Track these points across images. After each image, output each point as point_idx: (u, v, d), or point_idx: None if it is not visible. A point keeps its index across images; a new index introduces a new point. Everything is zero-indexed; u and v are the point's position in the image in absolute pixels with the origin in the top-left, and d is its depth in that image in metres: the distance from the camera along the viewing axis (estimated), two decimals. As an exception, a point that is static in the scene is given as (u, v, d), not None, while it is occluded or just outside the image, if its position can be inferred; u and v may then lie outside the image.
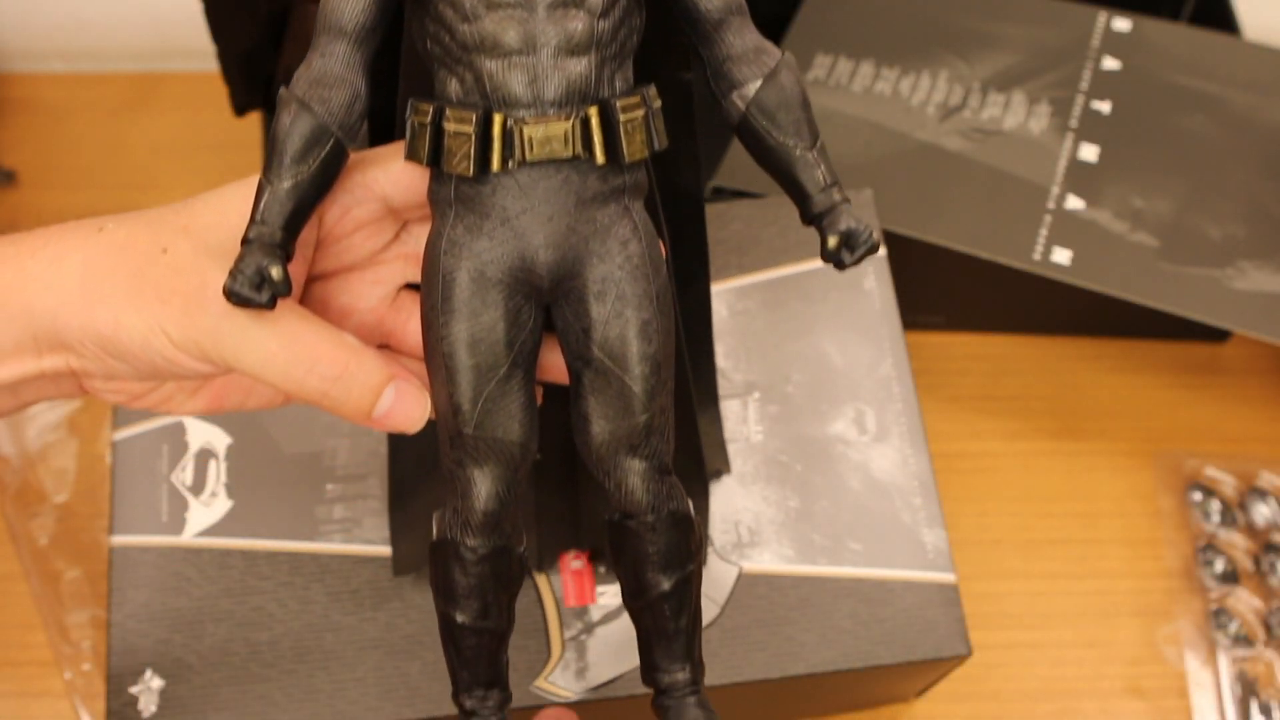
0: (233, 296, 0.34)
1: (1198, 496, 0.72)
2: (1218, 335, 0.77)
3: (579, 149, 0.35)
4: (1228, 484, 0.72)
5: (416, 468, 0.49)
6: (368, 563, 0.53)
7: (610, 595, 0.53)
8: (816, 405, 0.57)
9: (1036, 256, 0.67)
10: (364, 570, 0.53)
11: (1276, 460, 0.73)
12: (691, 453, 0.49)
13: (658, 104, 0.37)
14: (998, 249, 0.67)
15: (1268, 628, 0.67)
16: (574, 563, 0.53)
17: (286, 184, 0.35)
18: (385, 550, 0.53)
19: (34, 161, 0.84)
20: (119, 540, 0.53)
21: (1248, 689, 0.65)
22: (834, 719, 0.64)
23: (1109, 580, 0.69)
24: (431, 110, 0.35)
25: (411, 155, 0.36)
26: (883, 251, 0.60)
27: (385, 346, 0.42)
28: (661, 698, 0.38)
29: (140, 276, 0.37)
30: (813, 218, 0.37)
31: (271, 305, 0.34)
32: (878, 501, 0.55)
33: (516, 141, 0.35)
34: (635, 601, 0.38)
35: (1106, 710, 0.65)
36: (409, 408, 0.36)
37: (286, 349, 0.36)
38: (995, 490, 0.72)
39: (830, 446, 0.56)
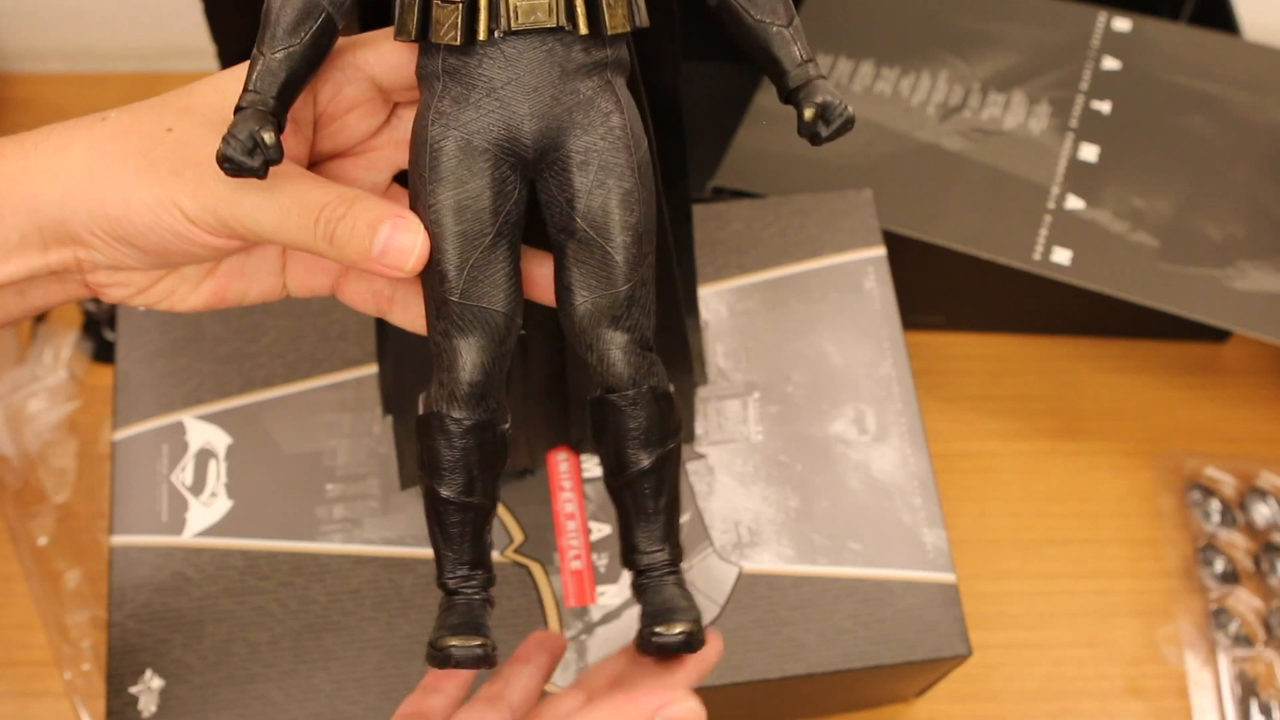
0: (226, 162, 0.34)
1: (1198, 496, 0.72)
2: (1218, 335, 0.77)
3: (562, 19, 0.36)
4: (1228, 484, 0.72)
5: (416, 375, 0.49)
6: (368, 563, 0.53)
7: (610, 595, 0.53)
8: (816, 405, 0.57)
9: (1036, 256, 0.67)
10: (364, 570, 0.53)
11: (1276, 460, 0.73)
12: (676, 334, 0.49)
13: None
14: (998, 249, 0.67)
15: (1268, 628, 0.67)
16: (574, 562, 0.53)
17: (279, 55, 0.35)
18: (385, 550, 0.53)
19: (34, 161, 0.84)
20: (119, 540, 0.53)
21: (1248, 689, 0.65)
22: (834, 719, 0.64)
23: (1109, 580, 0.69)
24: None
25: (400, 31, 0.37)
26: (883, 251, 0.60)
27: None
28: (639, 578, 0.39)
29: (148, 156, 0.37)
30: (790, 92, 0.37)
31: (263, 172, 0.34)
32: (878, 501, 0.55)
33: (502, 10, 0.35)
34: (615, 479, 0.39)
35: (1106, 710, 0.65)
36: (401, 239, 0.37)
37: (298, 201, 0.37)
38: (995, 490, 0.72)
39: (830, 446, 0.56)
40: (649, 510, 0.39)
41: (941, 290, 0.74)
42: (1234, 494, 0.72)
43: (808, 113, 0.36)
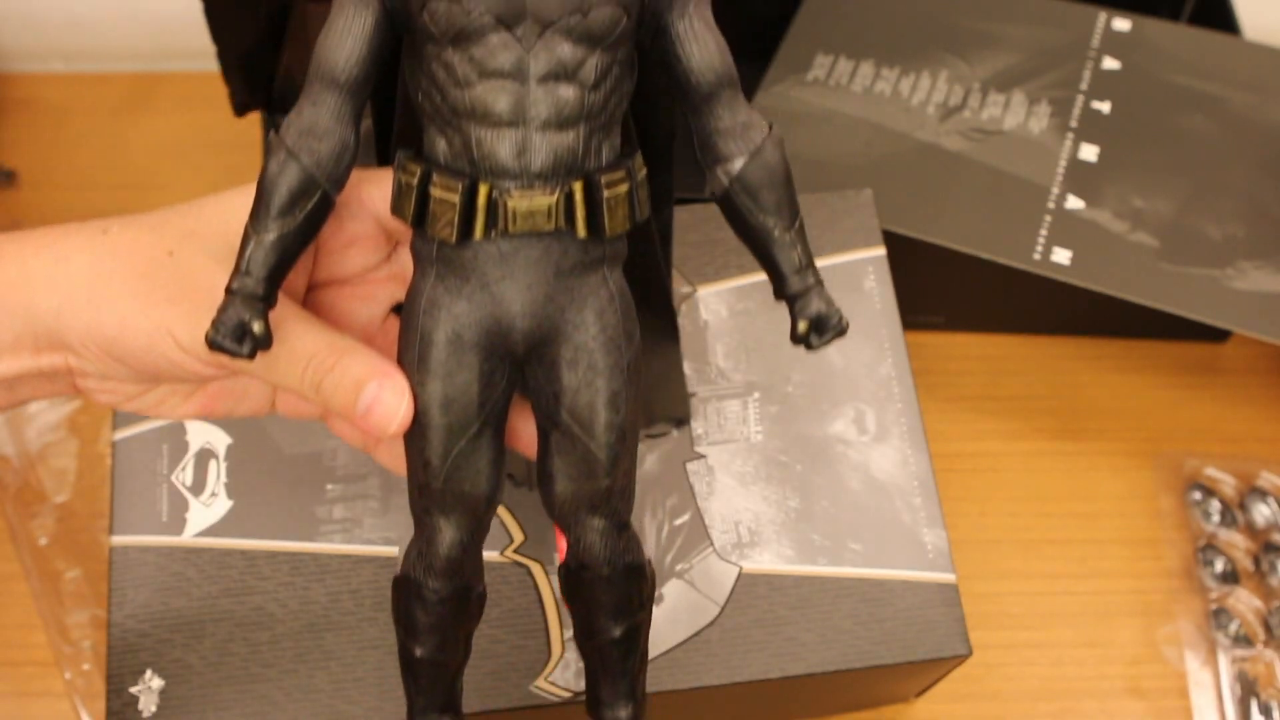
0: (214, 347, 0.34)
1: (1198, 496, 0.72)
2: (1218, 335, 0.77)
3: (561, 222, 0.35)
4: (1228, 484, 0.72)
5: None
6: (368, 563, 0.53)
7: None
8: (816, 405, 0.57)
9: (1036, 256, 0.67)
10: (364, 570, 0.53)
11: (1276, 460, 0.73)
12: (660, 305, 0.49)
13: (643, 173, 0.38)
14: (998, 249, 0.67)
15: (1268, 628, 0.67)
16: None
17: (271, 235, 0.35)
18: (385, 550, 0.53)
19: (34, 161, 0.84)
20: (119, 540, 0.53)
21: (1248, 689, 0.65)
22: (834, 719, 0.64)
23: (1109, 580, 0.69)
24: (419, 173, 0.36)
25: (397, 212, 0.37)
26: (883, 251, 0.60)
27: None
28: None
29: (147, 279, 0.37)
30: (785, 298, 0.38)
31: (252, 356, 0.35)
32: (878, 501, 0.55)
33: (500, 213, 0.35)
34: (586, 642, 0.39)
35: (1106, 710, 0.65)
36: (387, 404, 0.37)
37: (288, 349, 0.37)
38: (995, 490, 0.72)
39: (830, 446, 0.56)
40: (617, 671, 0.39)
41: (941, 290, 0.74)
42: (1234, 494, 0.72)
43: (801, 325, 0.37)
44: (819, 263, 0.40)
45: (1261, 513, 0.71)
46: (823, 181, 0.70)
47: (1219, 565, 0.69)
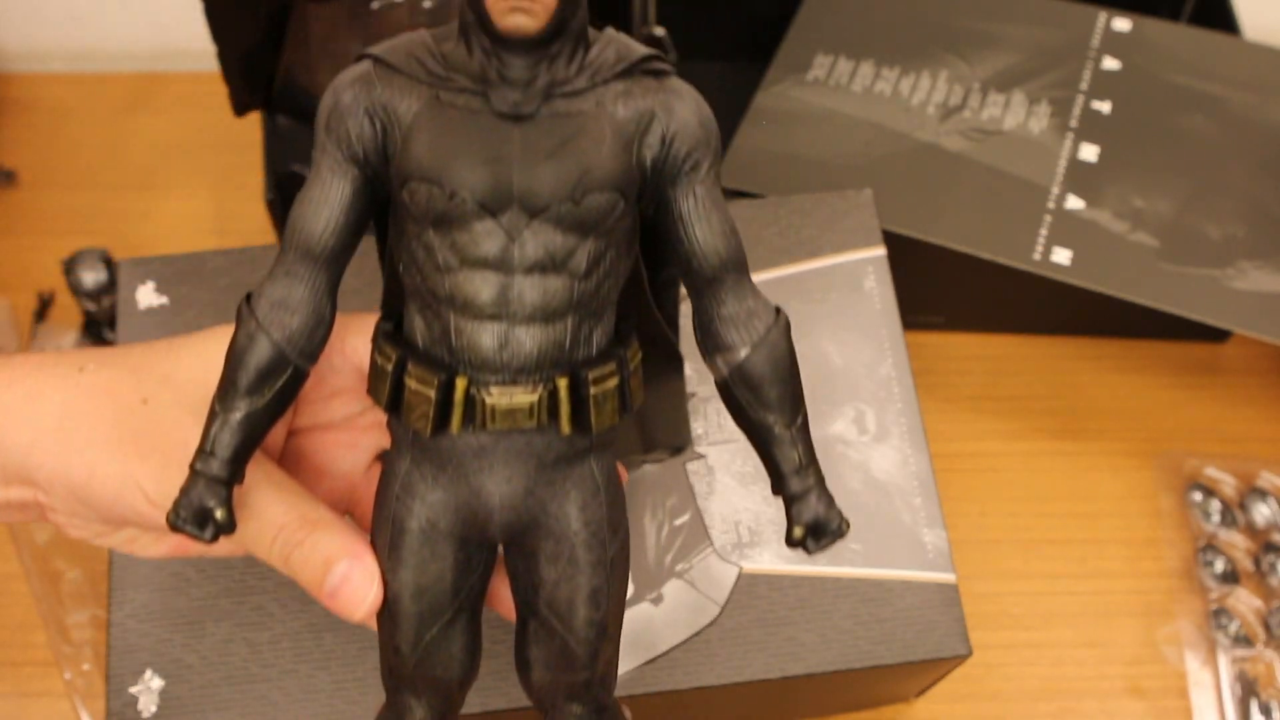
0: (176, 529, 0.33)
1: (1198, 496, 0.72)
2: (1218, 335, 0.77)
3: (544, 419, 0.34)
4: (1228, 484, 0.72)
5: None
6: (368, 563, 0.53)
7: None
8: (816, 405, 0.57)
9: (1036, 256, 0.67)
10: (364, 570, 0.52)
11: (1276, 460, 0.73)
12: (661, 343, 0.49)
13: (636, 361, 0.36)
14: (998, 249, 0.67)
15: (1268, 628, 0.67)
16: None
17: (238, 414, 0.33)
18: (385, 550, 0.53)
19: (34, 161, 0.84)
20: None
21: (1248, 689, 0.65)
22: (834, 719, 0.64)
23: (1109, 580, 0.69)
24: (395, 359, 0.34)
25: (372, 394, 0.35)
26: (883, 251, 0.60)
27: (354, 512, 0.41)
28: None
29: (119, 426, 0.36)
30: (782, 497, 0.36)
31: (214, 540, 0.34)
32: (878, 501, 0.55)
33: (478, 410, 0.33)
34: None
35: (1106, 710, 0.65)
36: (355, 587, 0.35)
37: (254, 519, 0.36)
38: (995, 490, 0.72)
39: (830, 446, 0.56)
40: None
41: (941, 290, 0.74)
42: (1234, 494, 0.72)
43: (797, 531, 0.35)
44: (818, 263, 0.39)
45: (1261, 513, 0.71)
46: (823, 181, 0.70)
47: (1219, 565, 0.69)
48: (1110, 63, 0.76)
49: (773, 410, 0.35)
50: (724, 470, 0.55)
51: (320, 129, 0.34)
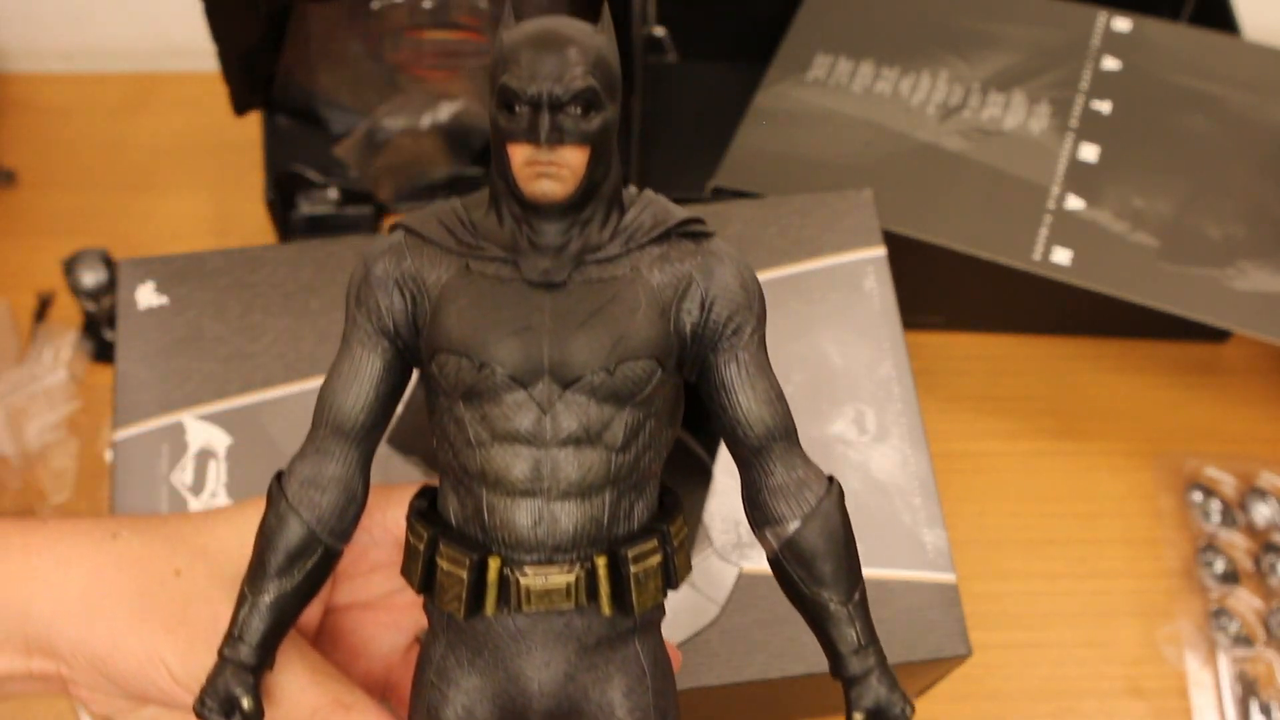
0: (201, 718, 0.32)
1: (1198, 496, 0.72)
2: (1218, 335, 0.77)
3: (582, 600, 0.32)
4: (1228, 484, 0.72)
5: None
6: (368, 563, 0.53)
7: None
8: (816, 405, 0.57)
9: (1036, 256, 0.67)
10: (364, 570, 0.52)
11: (1276, 460, 0.73)
12: (697, 462, 0.49)
13: (681, 536, 0.34)
14: (998, 249, 0.67)
15: (1268, 628, 0.67)
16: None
17: (268, 597, 0.32)
18: (385, 550, 0.53)
19: (34, 161, 0.84)
20: (119, 540, 0.53)
21: (1248, 689, 0.65)
22: (834, 719, 0.64)
23: (1109, 580, 0.69)
24: (426, 538, 0.33)
25: (405, 575, 0.34)
26: (883, 251, 0.60)
27: (390, 697, 0.40)
28: None
29: (147, 598, 0.35)
30: (841, 680, 0.34)
31: None
32: (878, 501, 0.55)
33: (513, 591, 0.32)
34: None
35: (1106, 710, 0.65)
36: None
37: (286, 702, 0.35)
38: (995, 490, 0.72)
39: (830, 446, 0.56)
40: None
41: (941, 290, 0.74)
42: (1234, 494, 0.72)
43: (857, 717, 0.33)
44: (818, 263, 0.39)
45: (1261, 513, 0.71)
46: (823, 181, 0.70)
47: (1219, 565, 0.69)
48: (1110, 63, 0.76)
49: (827, 586, 0.34)
50: (724, 470, 0.55)
51: (350, 301, 0.34)
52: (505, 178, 0.32)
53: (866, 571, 0.54)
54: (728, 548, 0.54)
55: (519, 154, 0.31)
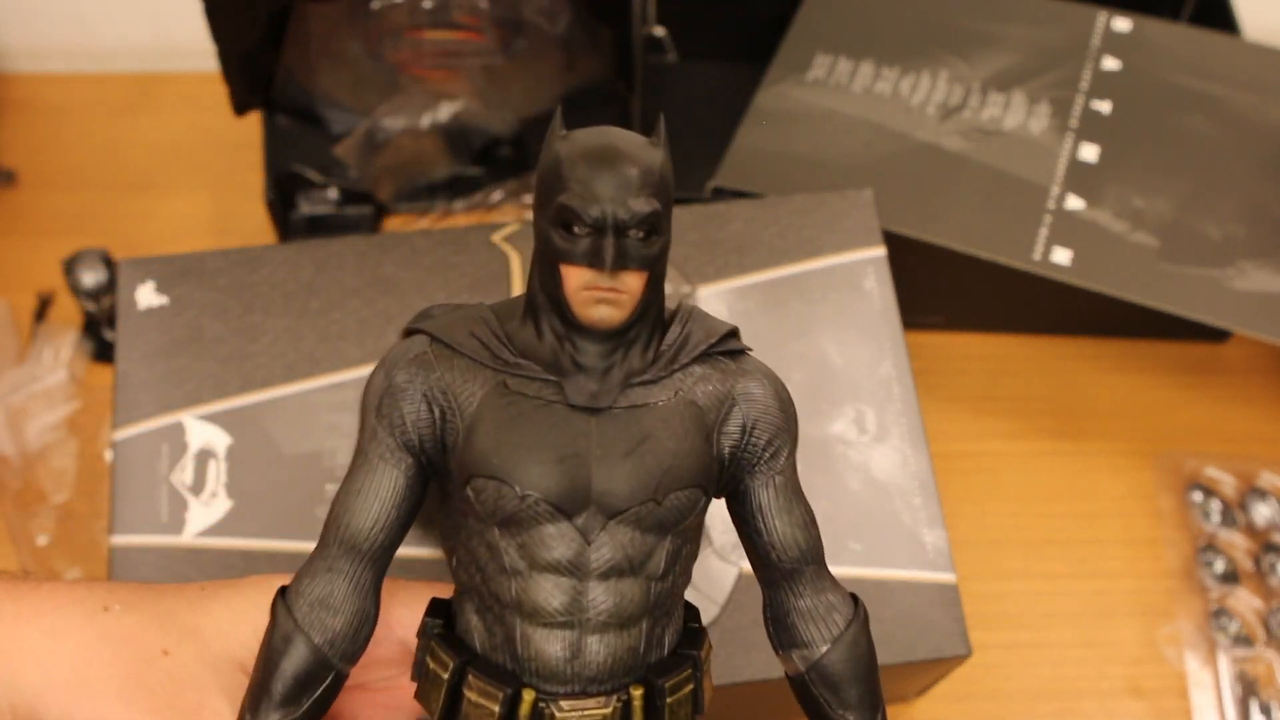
0: None
1: (1198, 496, 0.72)
2: (1218, 335, 0.77)
3: None
4: (1228, 484, 0.72)
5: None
6: (368, 563, 0.53)
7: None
8: (816, 405, 0.57)
9: (1036, 256, 0.67)
10: (364, 570, 0.52)
11: (1276, 460, 0.73)
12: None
13: (708, 661, 0.34)
14: (998, 249, 0.67)
15: (1268, 628, 0.67)
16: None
17: None
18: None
19: (34, 161, 0.84)
20: (119, 540, 0.53)
21: (1248, 689, 0.65)
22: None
23: (1109, 580, 0.69)
24: (452, 667, 0.31)
25: (421, 700, 0.32)
26: (883, 251, 0.60)
27: None
28: None
29: (134, 678, 0.35)
30: None
31: None
32: (878, 501, 0.55)
33: None
34: None
35: (1106, 710, 0.65)
36: None
37: None
38: (995, 490, 0.72)
39: (830, 446, 0.56)
40: None
41: (941, 290, 0.74)
42: (1234, 494, 0.72)
43: None
44: (818, 263, 0.39)
45: (1261, 513, 0.71)
46: (823, 181, 0.70)
47: (1219, 565, 0.69)
48: (1110, 63, 0.76)
49: (852, 710, 0.34)
50: (724, 470, 0.55)
51: (370, 411, 0.32)
52: (553, 296, 0.31)
53: (867, 571, 0.54)
54: (728, 548, 0.54)
55: (576, 277, 0.30)
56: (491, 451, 0.30)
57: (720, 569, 0.53)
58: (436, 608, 0.34)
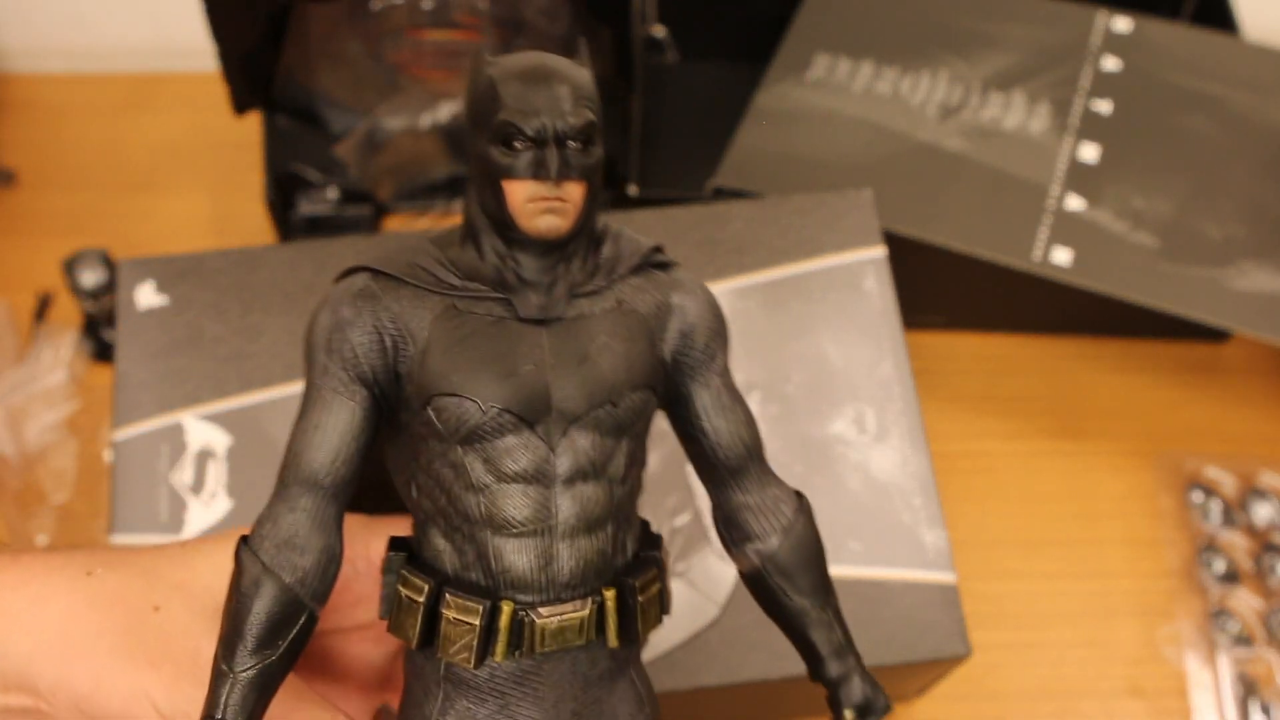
0: None
1: (1198, 496, 0.72)
2: (1218, 335, 0.77)
3: (592, 634, 0.32)
4: (1228, 484, 0.72)
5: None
6: (368, 563, 0.53)
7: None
8: (816, 405, 0.57)
9: (1036, 256, 0.67)
10: (364, 570, 0.52)
11: (1276, 460, 0.73)
12: None
13: (667, 563, 0.35)
14: (998, 249, 0.67)
15: (1268, 628, 0.67)
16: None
17: (249, 673, 0.30)
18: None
19: (34, 161, 0.84)
20: (119, 540, 0.53)
21: (1248, 689, 0.65)
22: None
23: (1109, 580, 0.69)
24: (427, 590, 0.32)
25: (395, 630, 0.33)
26: (883, 251, 0.60)
27: (392, 701, 0.40)
28: None
29: (129, 635, 0.35)
30: (825, 682, 0.35)
31: None
32: (878, 501, 0.55)
33: (526, 633, 0.32)
34: None
35: (1106, 710, 0.65)
36: None
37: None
38: (995, 490, 0.72)
39: (830, 446, 0.56)
40: None
41: (941, 290, 0.74)
42: (1234, 494, 0.72)
43: (848, 714, 0.34)
44: (818, 263, 0.39)
45: (1261, 513, 0.71)
46: (823, 181, 0.70)
47: (1219, 565, 0.69)
48: (1110, 63, 0.76)
49: (807, 595, 0.35)
50: (724, 470, 0.55)
51: (318, 349, 0.32)
52: (495, 216, 0.32)
53: (867, 571, 0.54)
54: (728, 548, 0.54)
55: (520, 190, 0.31)
56: (450, 370, 0.31)
57: (720, 569, 0.53)
58: (396, 544, 0.35)
